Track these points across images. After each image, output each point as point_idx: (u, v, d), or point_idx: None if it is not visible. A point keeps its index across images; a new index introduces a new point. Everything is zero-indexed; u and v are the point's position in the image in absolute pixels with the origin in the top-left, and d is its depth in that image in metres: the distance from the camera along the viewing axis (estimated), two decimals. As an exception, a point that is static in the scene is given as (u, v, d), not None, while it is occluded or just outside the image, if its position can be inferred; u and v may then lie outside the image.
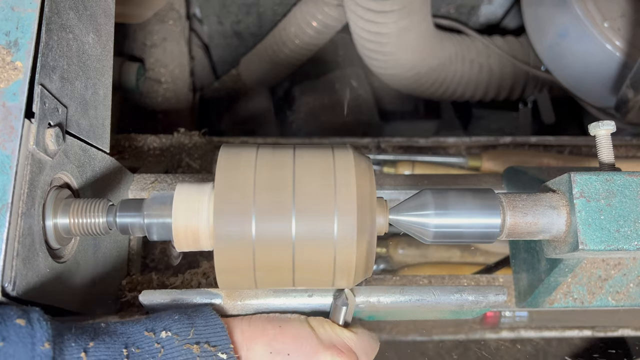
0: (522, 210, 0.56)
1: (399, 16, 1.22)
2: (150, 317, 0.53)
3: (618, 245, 0.53)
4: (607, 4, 1.21)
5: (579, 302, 0.71)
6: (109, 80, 0.71)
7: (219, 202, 0.51)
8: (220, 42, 1.62)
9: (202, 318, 0.53)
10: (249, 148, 0.55)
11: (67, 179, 0.61)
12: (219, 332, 0.52)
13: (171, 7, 1.45)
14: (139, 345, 0.49)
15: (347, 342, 0.57)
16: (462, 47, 1.45)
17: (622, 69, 1.21)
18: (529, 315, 1.07)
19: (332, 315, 0.59)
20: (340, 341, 0.56)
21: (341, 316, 0.58)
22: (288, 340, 0.54)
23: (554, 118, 1.48)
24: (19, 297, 0.51)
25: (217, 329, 0.52)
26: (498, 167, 1.10)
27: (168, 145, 1.07)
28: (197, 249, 0.55)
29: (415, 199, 0.56)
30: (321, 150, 0.55)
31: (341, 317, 0.58)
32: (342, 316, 0.58)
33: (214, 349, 0.51)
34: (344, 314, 0.58)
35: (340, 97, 1.55)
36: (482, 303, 0.60)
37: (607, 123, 0.58)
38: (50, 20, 0.56)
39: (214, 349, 0.51)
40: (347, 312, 0.58)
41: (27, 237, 0.52)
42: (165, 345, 0.49)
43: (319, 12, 1.44)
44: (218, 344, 0.51)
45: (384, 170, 1.13)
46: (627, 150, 1.14)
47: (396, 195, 0.80)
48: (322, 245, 0.51)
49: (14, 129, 0.51)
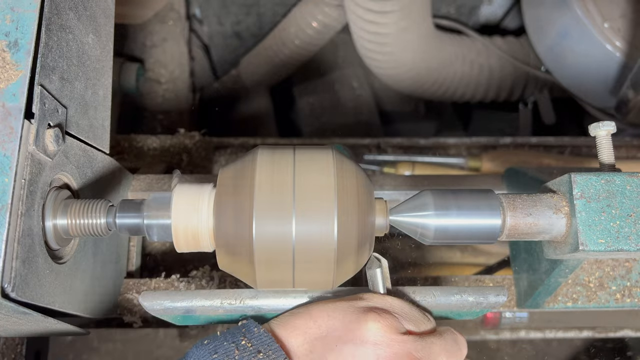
0: (522, 210, 0.55)
1: (399, 16, 1.22)
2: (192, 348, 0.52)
3: (618, 246, 0.53)
4: (607, 5, 1.21)
5: (580, 303, 0.71)
6: (108, 81, 0.71)
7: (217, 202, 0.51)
8: (220, 43, 1.62)
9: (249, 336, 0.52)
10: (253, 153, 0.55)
11: (67, 179, 0.61)
12: (267, 341, 0.51)
13: (171, 7, 1.45)
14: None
15: (386, 305, 0.54)
16: (462, 47, 1.45)
17: (622, 70, 1.21)
18: (529, 316, 1.06)
19: (371, 286, 0.57)
20: (376, 303, 0.54)
21: (379, 282, 0.56)
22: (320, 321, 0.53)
23: (554, 118, 1.48)
24: (19, 299, 0.51)
25: (263, 337, 0.51)
26: (498, 167, 1.10)
27: (168, 146, 1.07)
28: (197, 250, 0.55)
29: (416, 200, 0.56)
30: (321, 151, 0.55)
31: (379, 283, 0.56)
32: (380, 282, 0.56)
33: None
34: (380, 279, 0.56)
35: (340, 97, 1.55)
36: (483, 304, 0.59)
37: (607, 124, 0.58)
38: (50, 21, 0.56)
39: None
40: (383, 277, 0.56)
41: (27, 238, 0.52)
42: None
43: (319, 12, 1.44)
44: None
45: (384, 170, 1.13)
46: (627, 151, 1.14)
47: (396, 196, 0.80)
48: (321, 245, 0.51)
49: (14, 129, 0.51)
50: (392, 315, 0.53)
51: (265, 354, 0.50)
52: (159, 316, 0.60)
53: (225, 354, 0.50)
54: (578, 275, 0.71)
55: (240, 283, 0.76)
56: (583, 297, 0.71)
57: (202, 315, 0.60)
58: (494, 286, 0.62)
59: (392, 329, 0.52)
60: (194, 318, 0.61)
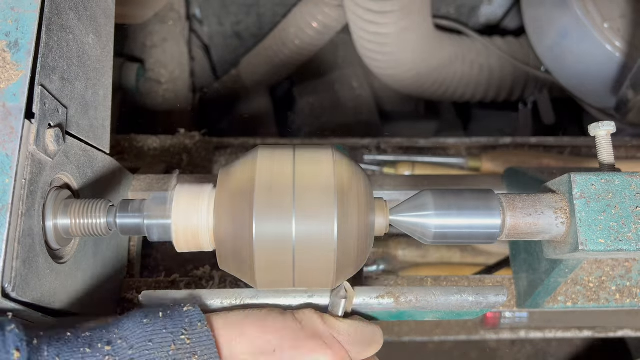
0: (522, 211, 0.56)
1: (399, 17, 1.22)
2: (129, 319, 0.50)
3: (618, 246, 0.53)
4: (607, 5, 1.21)
5: (580, 303, 0.71)
6: (109, 81, 0.71)
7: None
8: (220, 43, 1.62)
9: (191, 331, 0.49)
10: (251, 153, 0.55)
11: (67, 179, 0.61)
12: (206, 342, 0.49)
13: (171, 7, 1.45)
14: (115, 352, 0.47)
15: (336, 335, 0.54)
16: (462, 47, 1.45)
17: (622, 70, 1.21)
18: (529, 316, 1.06)
19: (331, 309, 0.57)
20: (327, 333, 0.53)
21: (340, 309, 0.56)
22: (271, 336, 0.51)
23: (554, 118, 1.49)
24: (19, 299, 0.51)
25: (204, 338, 0.49)
26: (498, 167, 1.10)
27: (168, 146, 1.07)
28: (197, 250, 0.55)
29: (416, 200, 0.56)
30: (321, 151, 0.55)
31: (340, 310, 0.56)
32: (341, 309, 0.56)
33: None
34: (342, 307, 0.56)
35: (340, 97, 1.55)
36: (483, 304, 0.59)
37: (607, 124, 0.58)
38: (51, 21, 0.56)
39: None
40: (345, 305, 0.56)
41: (27, 238, 0.52)
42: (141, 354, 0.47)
43: (319, 12, 1.44)
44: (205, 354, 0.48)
45: (384, 170, 1.13)
46: (627, 151, 1.14)
47: (396, 196, 0.80)
48: (321, 245, 0.51)
49: (14, 129, 0.51)
50: (341, 346, 0.53)
51: (201, 357, 0.48)
52: (159, 316, 0.60)
53: (160, 344, 0.48)
54: (578, 275, 0.71)
55: (240, 283, 0.76)
56: (583, 297, 0.71)
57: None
58: (494, 286, 0.62)
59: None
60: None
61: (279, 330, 0.52)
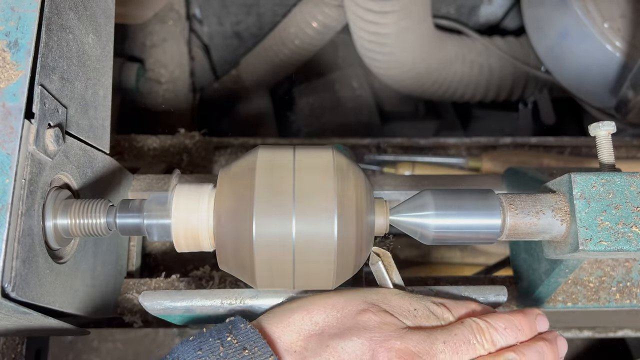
0: (522, 211, 0.56)
1: (399, 17, 1.22)
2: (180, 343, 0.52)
3: (618, 246, 0.53)
4: (607, 5, 1.21)
5: (580, 303, 0.71)
6: (108, 81, 0.71)
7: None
8: (220, 43, 1.62)
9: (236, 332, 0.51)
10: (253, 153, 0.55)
11: (67, 179, 0.61)
12: (253, 337, 0.51)
13: (171, 7, 1.45)
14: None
15: (382, 304, 0.54)
16: (462, 47, 1.45)
17: (622, 70, 1.21)
18: (529, 315, 1.06)
19: (379, 282, 0.57)
20: (373, 301, 0.54)
21: (384, 276, 0.55)
22: (317, 317, 0.53)
23: (554, 118, 1.48)
24: (19, 299, 0.51)
25: (249, 333, 0.51)
26: (498, 167, 1.10)
27: (168, 146, 1.07)
28: (197, 250, 0.55)
29: (416, 200, 0.56)
30: (321, 151, 0.55)
31: (385, 277, 0.55)
32: (385, 276, 0.55)
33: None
34: (384, 272, 0.55)
35: (340, 97, 1.55)
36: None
37: (607, 124, 0.58)
38: (50, 21, 0.56)
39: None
40: (387, 270, 0.55)
41: (27, 237, 0.52)
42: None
43: (319, 12, 1.44)
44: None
45: (384, 170, 1.13)
46: (627, 151, 1.14)
47: (396, 196, 0.80)
48: (321, 245, 0.51)
49: (14, 129, 0.51)
50: (388, 313, 0.53)
51: (251, 350, 0.49)
52: (159, 316, 0.60)
53: (210, 350, 0.50)
54: (578, 275, 0.71)
55: (240, 283, 0.76)
56: (583, 297, 0.71)
57: (202, 315, 0.60)
58: (494, 286, 0.62)
59: (389, 325, 0.52)
60: (194, 318, 0.61)
61: (324, 310, 0.53)
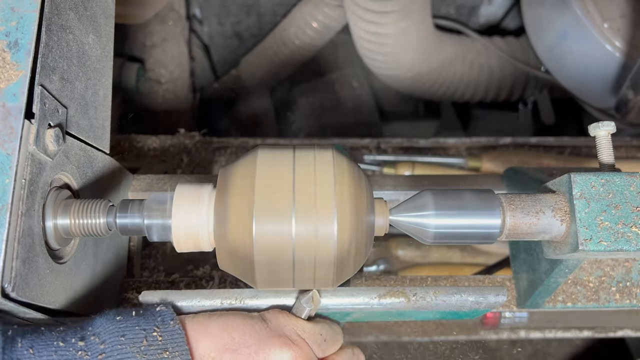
0: (522, 210, 0.56)
1: (399, 17, 1.22)
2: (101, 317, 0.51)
3: (618, 246, 0.53)
4: (607, 5, 1.21)
5: (579, 303, 0.71)
6: (109, 81, 0.71)
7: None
8: (220, 43, 1.62)
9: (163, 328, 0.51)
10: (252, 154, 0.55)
11: (67, 179, 0.61)
12: (177, 339, 0.50)
13: (171, 7, 1.45)
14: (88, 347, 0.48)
15: (300, 332, 0.55)
16: (462, 47, 1.45)
17: (622, 70, 1.21)
18: (529, 316, 1.06)
19: (295, 311, 0.58)
20: (291, 331, 0.55)
21: (304, 314, 0.57)
22: (235, 334, 0.53)
23: (554, 119, 1.48)
24: (19, 299, 0.51)
25: (175, 335, 0.51)
26: (498, 167, 1.10)
27: (168, 146, 1.07)
28: (197, 250, 0.55)
29: (415, 200, 0.56)
30: (321, 151, 0.55)
31: (304, 314, 0.57)
32: (305, 314, 0.57)
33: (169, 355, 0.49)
34: (306, 313, 0.57)
35: (340, 97, 1.55)
36: (483, 304, 0.60)
37: (607, 124, 0.58)
38: (50, 21, 0.56)
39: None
40: (309, 312, 0.57)
41: (27, 237, 0.52)
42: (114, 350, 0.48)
43: (319, 12, 1.44)
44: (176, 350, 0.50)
45: (384, 171, 1.13)
46: (627, 151, 1.14)
47: (396, 196, 0.80)
48: (321, 245, 0.51)
49: (14, 129, 0.51)
50: (305, 344, 0.55)
51: (172, 353, 0.49)
52: (159, 316, 0.60)
53: (132, 340, 0.49)
54: (578, 275, 0.71)
55: (240, 283, 0.76)
56: (583, 297, 0.71)
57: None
58: (493, 286, 0.62)
59: (304, 357, 0.54)
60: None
61: (243, 328, 0.54)
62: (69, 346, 0.47)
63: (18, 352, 0.45)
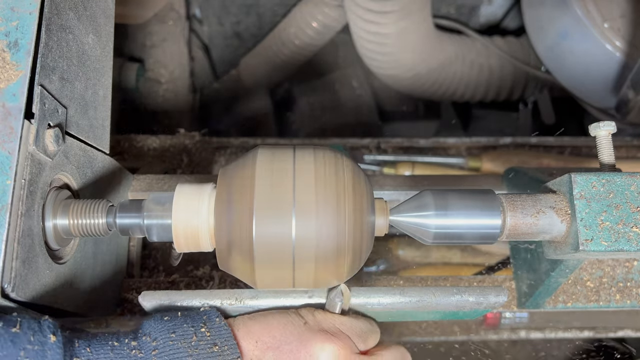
0: (522, 211, 0.55)
1: (399, 17, 1.22)
2: (150, 319, 0.53)
3: (619, 246, 0.53)
4: (607, 5, 1.21)
5: (580, 303, 0.71)
6: (108, 81, 0.71)
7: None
8: (220, 43, 1.62)
9: (210, 325, 0.53)
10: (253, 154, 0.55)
11: (67, 179, 0.61)
12: (225, 334, 0.52)
13: (171, 7, 1.45)
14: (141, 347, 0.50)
15: (339, 325, 0.56)
16: (462, 47, 1.45)
17: (622, 70, 1.21)
18: (529, 316, 1.06)
19: (328, 307, 0.58)
20: (330, 325, 0.56)
21: (337, 308, 0.58)
22: (276, 332, 0.54)
23: (554, 118, 1.48)
24: (19, 299, 0.51)
25: (222, 330, 0.53)
26: (498, 167, 1.10)
27: (168, 146, 1.07)
28: (197, 250, 0.55)
29: (416, 200, 0.56)
30: (321, 151, 0.55)
31: (337, 309, 0.58)
32: (338, 308, 0.58)
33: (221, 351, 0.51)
34: (339, 307, 0.57)
35: (340, 97, 1.55)
36: (483, 304, 0.59)
37: (607, 124, 0.58)
38: (50, 21, 0.56)
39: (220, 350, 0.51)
40: (341, 306, 0.58)
41: (27, 238, 0.52)
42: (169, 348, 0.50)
43: (319, 12, 1.43)
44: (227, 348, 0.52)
45: (384, 171, 1.13)
46: (627, 151, 1.14)
47: (396, 196, 0.80)
48: (321, 245, 0.51)
49: (14, 129, 0.51)
50: (346, 336, 0.55)
51: (221, 347, 0.51)
52: (159, 316, 0.60)
53: (183, 336, 0.51)
54: (578, 275, 0.71)
55: (240, 283, 0.76)
56: (583, 297, 0.71)
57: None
58: (494, 286, 0.62)
59: (347, 350, 0.54)
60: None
61: (284, 326, 0.55)
62: (123, 345, 0.50)
63: (76, 350, 0.48)
